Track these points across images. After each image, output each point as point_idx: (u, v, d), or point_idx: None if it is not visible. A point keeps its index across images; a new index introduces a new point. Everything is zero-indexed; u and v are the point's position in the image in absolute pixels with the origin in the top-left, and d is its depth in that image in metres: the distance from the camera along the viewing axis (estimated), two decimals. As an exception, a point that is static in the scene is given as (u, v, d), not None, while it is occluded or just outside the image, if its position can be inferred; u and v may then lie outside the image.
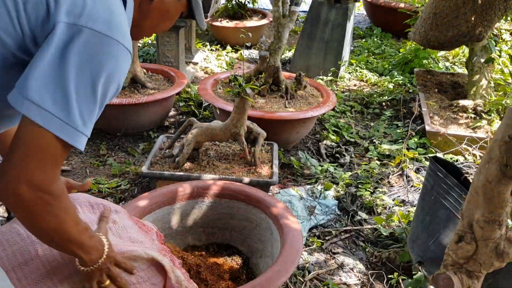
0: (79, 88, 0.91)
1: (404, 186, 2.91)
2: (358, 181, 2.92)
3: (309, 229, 2.52)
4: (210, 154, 2.67)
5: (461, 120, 3.46)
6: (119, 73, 0.99)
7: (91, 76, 0.93)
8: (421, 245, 2.14)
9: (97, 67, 0.94)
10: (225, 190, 2.15)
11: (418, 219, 2.22)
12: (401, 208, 2.70)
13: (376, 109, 4.13)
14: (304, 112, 3.10)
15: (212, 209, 2.17)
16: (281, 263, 1.68)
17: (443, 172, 2.09)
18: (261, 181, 2.41)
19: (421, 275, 2.11)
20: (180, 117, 3.74)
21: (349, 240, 2.49)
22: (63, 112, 0.90)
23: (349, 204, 2.73)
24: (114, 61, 0.96)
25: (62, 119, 0.90)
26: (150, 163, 2.53)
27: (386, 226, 2.53)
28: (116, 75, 0.98)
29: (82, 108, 0.92)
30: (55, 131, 0.89)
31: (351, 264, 2.31)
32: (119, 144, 3.26)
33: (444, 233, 2.04)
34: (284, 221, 1.92)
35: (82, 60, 0.92)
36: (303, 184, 2.92)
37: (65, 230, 0.97)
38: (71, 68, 0.90)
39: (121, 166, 2.93)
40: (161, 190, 2.11)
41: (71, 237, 1.00)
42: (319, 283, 2.16)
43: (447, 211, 2.04)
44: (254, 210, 2.10)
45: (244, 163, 2.59)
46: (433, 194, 2.13)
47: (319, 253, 2.37)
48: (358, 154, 3.36)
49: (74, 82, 0.90)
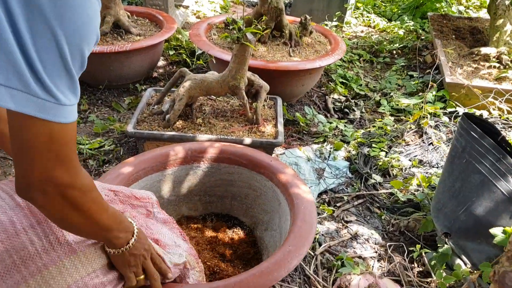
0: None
1: (421, 145, 2.61)
2: (371, 140, 2.62)
3: (318, 194, 2.25)
4: (206, 111, 2.33)
5: (483, 70, 3.11)
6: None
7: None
8: (448, 215, 1.88)
9: None
10: (224, 153, 1.85)
11: (445, 185, 1.94)
12: (419, 169, 2.42)
13: (386, 58, 3.77)
14: (311, 61, 2.74)
15: (209, 175, 1.88)
16: (292, 241, 1.41)
17: (478, 132, 1.79)
18: (264, 142, 2.10)
19: (448, 248, 1.86)
20: (170, 67, 3.36)
21: (362, 206, 2.23)
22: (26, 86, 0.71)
23: (361, 165, 2.44)
24: None
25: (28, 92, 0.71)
26: (136, 121, 2.20)
27: (404, 191, 2.26)
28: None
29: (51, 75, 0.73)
30: (32, 112, 0.72)
31: (366, 234, 2.05)
32: (102, 98, 2.90)
33: (477, 201, 1.76)
34: (295, 191, 1.63)
35: None
36: (310, 143, 2.61)
37: (96, 221, 0.94)
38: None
39: (104, 123, 2.59)
40: (149, 154, 1.80)
41: (100, 225, 0.96)
42: (331, 256, 1.91)
43: (481, 176, 1.75)
44: (258, 176, 1.81)
45: (244, 121, 2.26)
46: (464, 157, 1.84)
47: (330, 222, 2.10)
48: (369, 109, 3.04)
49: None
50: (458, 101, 2.90)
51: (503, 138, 1.85)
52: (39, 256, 0.97)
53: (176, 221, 1.87)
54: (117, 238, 1.03)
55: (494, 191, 1.71)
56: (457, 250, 1.85)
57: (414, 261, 1.91)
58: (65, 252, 1.03)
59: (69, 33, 0.72)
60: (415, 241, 2.01)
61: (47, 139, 0.76)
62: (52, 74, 0.72)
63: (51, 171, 0.79)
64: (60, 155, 0.79)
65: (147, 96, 2.44)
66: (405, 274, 1.84)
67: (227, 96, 2.48)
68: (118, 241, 1.04)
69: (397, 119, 2.89)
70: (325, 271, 1.84)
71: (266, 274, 1.29)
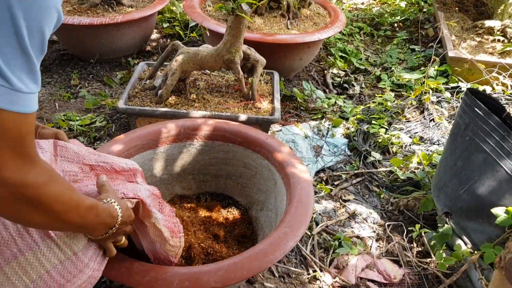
0: None
1: (422, 121, 2.54)
2: (370, 116, 2.54)
3: (315, 172, 2.19)
4: (200, 86, 2.25)
5: (487, 44, 3.01)
6: None
7: None
8: (449, 194, 1.83)
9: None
10: (218, 131, 1.78)
11: (446, 163, 1.88)
12: (420, 146, 2.36)
13: (387, 31, 3.65)
14: (309, 34, 2.63)
15: (203, 153, 1.81)
16: (288, 223, 1.35)
17: (482, 108, 1.72)
18: (260, 119, 2.03)
19: (448, 228, 1.81)
20: (164, 40, 3.24)
21: (361, 185, 2.17)
22: None
23: (360, 143, 2.37)
24: None
25: None
26: (127, 96, 2.12)
27: (404, 169, 2.20)
28: None
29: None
30: None
31: (364, 214, 2.00)
32: (93, 73, 2.80)
33: (479, 181, 1.71)
34: (291, 170, 1.57)
35: None
36: (308, 120, 2.54)
37: (65, 221, 0.83)
38: None
39: (95, 99, 2.51)
40: (140, 131, 1.73)
41: (72, 224, 0.87)
42: (328, 236, 1.87)
43: (485, 155, 1.69)
44: (254, 155, 1.74)
45: (240, 97, 2.18)
46: (467, 135, 1.77)
47: (327, 201, 2.05)
48: (369, 84, 2.95)
49: None
50: (461, 76, 2.81)
51: (508, 115, 1.78)
52: (13, 241, 0.91)
53: (169, 201, 1.82)
54: (95, 230, 0.98)
55: (497, 170, 1.65)
56: (458, 230, 1.81)
57: (413, 241, 1.87)
58: (41, 236, 0.97)
59: (26, 6, 0.62)
60: (415, 220, 1.96)
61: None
62: (5, 52, 0.62)
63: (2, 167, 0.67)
64: (12, 150, 0.67)
65: (139, 71, 2.35)
66: (404, 254, 1.80)
67: (222, 70, 2.39)
68: (98, 232, 0.99)
69: (397, 95, 2.81)
70: (322, 251, 1.79)
71: (261, 257, 1.24)
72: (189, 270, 1.20)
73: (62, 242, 0.98)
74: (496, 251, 1.58)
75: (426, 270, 1.73)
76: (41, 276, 0.97)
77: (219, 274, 1.19)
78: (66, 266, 1.01)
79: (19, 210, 0.74)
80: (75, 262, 1.02)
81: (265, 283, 1.61)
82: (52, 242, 0.98)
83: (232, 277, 1.19)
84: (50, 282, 0.99)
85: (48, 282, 0.98)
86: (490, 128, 1.68)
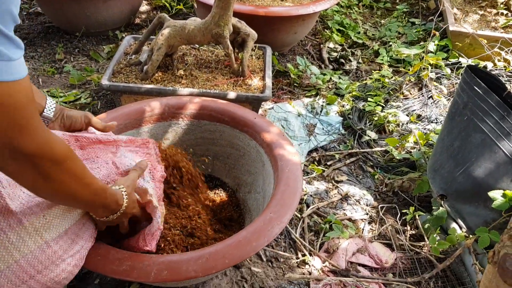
0: None
1: (420, 99, 2.45)
2: (367, 93, 2.45)
3: (307, 152, 2.12)
4: (188, 62, 2.15)
5: (490, 18, 2.89)
6: None
7: None
8: (445, 176, 1.76)
9: None
10: (204, 109, 1.70)
11: (443, 144, 1.81)
12: (417, 125, 2.28)
13: (387, 3, 3.51)
14: (304, 6, 2.51)
15: (189, 133, 1.74)
16: (274, 208, 1.29)
17: (482, 87, 1.63)
18: (250, 97, 1.94)
19: (443, 211, 1.75)
20: (154, 12, 3.11)
21: (355, 165, 2.10)
22: None
23: (355, 121, 2.29)
24: None
25: None
26: (112, 72, 2.02)
27: (400, 149, 2.13)
28: None
29: None
30: None
31: (358, 195, 1.94)
32: (79, 47, 2.69)
33: (476, 162, 1.64)
34: (279, 151, 1.50)
35: None
36: (301, 97, 2.45)
37: (74, 196, 0.88)
38: None
39: (81, 74, 2.41)
40: (122, 110, 1.64)
41: (80, 201, 0.92)
42: (319, 219, 1.81)
43: (483, 135, 1.61)
44: (241, 135, 1.67)
45: (230, 73, 2.09)
46: (465, 114, 1.69)
47: (319, 182, 1.99)
48: (367, 59, 2.85)
49: None
50: (461, 51, 2.70)
51: (509, 94, 1.69)
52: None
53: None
54: (99, 211, 1.02)
55: (495, 151, 1.58)
56: (453, 214, 1.75)
57: (407, 224, 1.81)
58: (9, 224, 0.91)
59: None
60: (409, 202, 1.90)
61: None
62: None
63: (14, 139, 0.69)
64: (17, 120, 0.68)
65: (125, 45, 2.25)
66: (397, 237, 1.74)
67: (212, 45, 2.28)
68: (101, 213, 1.03)
69: (396, 71, 2.71)
70: (312, 235, 1.74)
71: (244, 244, 1.18)
72: (168, 259, 1.14)
73: (33, 229, 0.93)
74: (491, 235, 1.52)
75: (419, 254, 1.68)
76: (10, 266, 0.92)
77: (199, 262, 1.13)
78: (37, 255, 0.95)
79: (35, 179, 0.78)
80: (46, 251, 0.96)
81: (252, 268, 1.56)
82: (22, 230, 0.92)
83: (213, 266, 1.14)
84: (19, 272, 0.93)
85: (17, 272, 0.93)
86: (489, 107, 1.60)
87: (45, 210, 0.96)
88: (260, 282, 1.51)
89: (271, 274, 1.55)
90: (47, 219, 0.96)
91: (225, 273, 1.52)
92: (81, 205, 0.98)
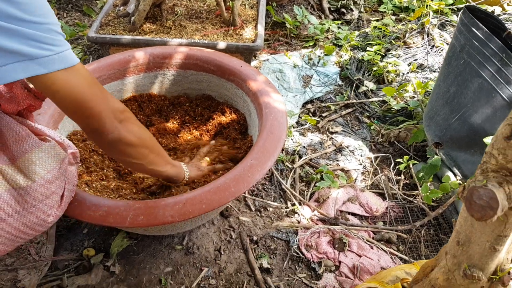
0: None
1: (424, 47, 2.35)
2: (366, 42, 2.36)
3: (302, 104, 2.07)
4: (178, 12, 2.08)
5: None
6: None
7: None
8: (440, 123, 1.70)
9: None
10: (190, 59, 1.65)
11: (439, 90, 1.73)
12: (418, 74, 2.19)
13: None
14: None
15: (176, 83, 1.70)
16: (255, 155, 1.27)
17: (480, 28, 1.54)
18: (240, 46, 1.88)
19: (438, 159, 1.71)
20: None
21: (351, 116, 2.05)
22: None
23: (353, 71, 2.22)
24: None
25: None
26: (99, 24, 1.98)
27: (398, 99, 2.06)
28: None
29: None
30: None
31: (352, 146, 1.90)
32: (72, 2, 2.64)
33: (472, 108, 1.57)
34: (265, 99, 1.46)
35: None
36: (299, 48, 2.37)
37: (150, 169, 1.13)
38: None
39: (73, 29, 2.37)
40: (105, 60, 1.61)
41: (157, 169, 1.16)
42: (311, 169, 1.78)
43: (481, 79, 1.54)
44: (228, 84, 1.63)
45: (220, 23, 2.02)
46: (463, 58, 1.61)
47: (313, 133, 1.95)
48: (369, 8, 2.72)
49: None
50: (469, -4, 2.56)
51: (509, 34, 1.59)
52: None
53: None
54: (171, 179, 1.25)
55: (493, 95, 1.50)
56: (448, 162, 1.70)
57: (401, 173, 1.77)
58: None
59: None
60: (405, 152, 1.86)
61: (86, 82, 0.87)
62: None
63: (111, 104, 0.94)
64: (101, 91, 0.92)
65: (115, -3, 2.19)
66: (390, 187, 1.71)
67: (204, -5, 2.21)
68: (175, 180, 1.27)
69: (399, 19, 2.59)
70: (303, 185, 1.72)
71: (222, 190, 1.17)
72: (144, 204, 1.14)
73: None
74: (485, 182, 1.47)
75: (411, 203, 1.65)
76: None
77: (176, 208, 1.13)
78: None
79: (123, 160, 1.07)
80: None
81: (240, 217, 1.56)
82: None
83: (189, 211, 1.13)
84: None
85: None
86: (489, 51, 1.51)
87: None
88: (247, 230, 1.51)
89: (259, 223, 1.55)
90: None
91: (212, 222, 1.53)
92: (158, 173, 1.19)
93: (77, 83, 0.85)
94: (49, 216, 1.01)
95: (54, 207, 1.02)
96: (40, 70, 0.78)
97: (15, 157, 0.94)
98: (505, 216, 0.83)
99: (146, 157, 1.08)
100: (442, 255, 0.99)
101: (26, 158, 0.94)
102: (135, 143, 1.01)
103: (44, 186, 0.97)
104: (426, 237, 1.54)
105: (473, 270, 0.92)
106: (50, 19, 0.80)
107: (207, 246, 1.44)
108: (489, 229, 0.86)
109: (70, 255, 1.38)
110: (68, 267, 1.34)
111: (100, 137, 0.95)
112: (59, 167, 1.01)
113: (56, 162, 1.00)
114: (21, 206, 0.96)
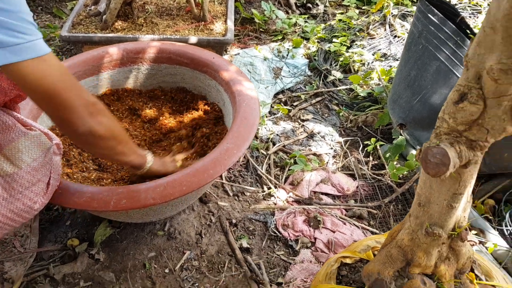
0: None
1: (386, 38, 2.47)
2: (332, 35, 2.46)
3: (274, 94, 2.15)
4: (149, 10, 2.13)
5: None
6: None
7: None
8: (403, 105, 1.81)
9: None
10: (163, 52, 1.71)
11: (401, 75, 1.84)
12: (382, 63, 2.31)
13: None
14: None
15: (151, 77, 1.75)
16: (231, 139, 1.33)
17: (436, 14, 1.65)
18: (212, 40, 1.95)
19: (403, 139, 1.82)
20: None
21: (321, 104, 2.14)
22: None
23: (321, 62, 2.31)
24: None
25: None
26: (71, 24, 2.01)
27: (364, 86, 2.17)
28: None
29: None
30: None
31: (323, 132, 1.99)
32: (41, 5, 2.64)
33: (432, 90, 1.68)
34: (237, 88, 1.53)
35: None
36: (268, 42, 2.45)
37: (117, 155, 1.13)
38: None
39: (45, 31, 2.38)
40: (79, 57, 1.65)
41: (121, 155, 1.15)
42: (285, 155, 1.86)
43: (438, 62, 1.65)
44: (202, 76, 1.69)
45: (191, 19, 2.08)
46: (421, 43, 1.72)
47: (286, 121, 2.03)
48: (334, 2, 2.84)
49: None
50: (427, -12, 2.70)
51: (463, 19, 1.72)
52: None
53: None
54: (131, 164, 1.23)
55: (450, 76, 1.62)
56: (412, 141, 1.81)
57: (370, 155, 1.88)
58: None
59: None
60: (372, 135, 1.96)
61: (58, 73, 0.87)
62: None
63: (83, 96, 0.94)
64: (73, 83, 0.92)
65: (85, -3, 2.22)
66: (359, 168, 1.81)
67: (174, -7, 2.26)
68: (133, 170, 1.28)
69: (362, 12, 2.71)
70: (278, 170, 1.80)
71: (201, 172, 1.23)
72: (127, 188, 1.19)
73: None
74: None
75: (380, 181, 1.75)
76: None
77: (157, 190, 1.18)
78: None
79: (92, 151, 1.17)
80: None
81: (219, 202, 1.62)
82: None
83: (170, 193, 1.19)
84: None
85: None
86: (444, 35, 1.62)
87: None
88: (226, 214, 1.58)
89: (237, 207, 1.61)
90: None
91: (192, 208, 1.58)
92: (123, 159, 1.17)
93: (48, 73, 0.85)
94: (35, 203, 1.05)
95: (40, 194, 1.06)
96: (12, 58, 0.78)
97: (2, 145, 0.97)
98: (458, 174, 0.93)
99: (114, 148, 1.08)
100: (407, 218, 1.08)
101: (13, 146, 0.98)
102: (104, 136, 1.01)
103: (30, 173, 1.01)
104: (395, 211, 1.64)
105: (434, 228, 1.01)
106: (22, 7, 0.80)
107: (188, 231, 1.50)
108: (445, 188, 0.96)
109: (54, 246, 1.41)
110: (54, 257, 1.38)
111: (71, 129, 0.94)
112: (44, 155, 1.05)
113: (41, 150, 1.04)
114: (8, 193, 0.99)
